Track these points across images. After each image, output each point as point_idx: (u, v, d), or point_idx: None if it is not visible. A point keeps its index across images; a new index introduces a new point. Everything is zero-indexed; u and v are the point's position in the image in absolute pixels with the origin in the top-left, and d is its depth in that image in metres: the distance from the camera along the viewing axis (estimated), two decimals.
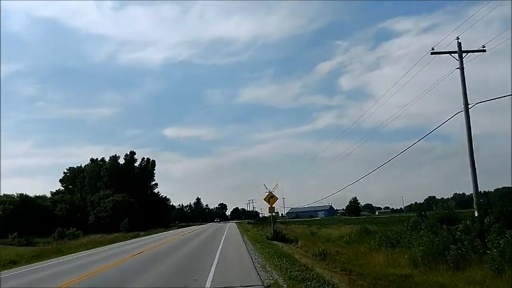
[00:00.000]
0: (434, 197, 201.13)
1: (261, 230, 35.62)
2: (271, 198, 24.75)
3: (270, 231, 26.09)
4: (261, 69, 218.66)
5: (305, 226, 55.13)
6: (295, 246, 19.97)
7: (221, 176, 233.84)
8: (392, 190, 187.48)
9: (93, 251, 24.79)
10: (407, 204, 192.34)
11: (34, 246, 41.62)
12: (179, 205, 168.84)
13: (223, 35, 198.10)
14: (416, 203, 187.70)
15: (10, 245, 50.83)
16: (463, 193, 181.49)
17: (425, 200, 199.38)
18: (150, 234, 46.70)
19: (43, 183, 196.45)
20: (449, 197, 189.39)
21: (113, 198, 69.29)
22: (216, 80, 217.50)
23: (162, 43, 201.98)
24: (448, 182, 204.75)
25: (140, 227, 62.17)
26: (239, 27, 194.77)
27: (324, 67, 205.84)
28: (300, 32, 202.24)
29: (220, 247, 19.79)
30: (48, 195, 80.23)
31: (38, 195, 77.06)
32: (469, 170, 15.54)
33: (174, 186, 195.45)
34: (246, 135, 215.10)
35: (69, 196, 75.94)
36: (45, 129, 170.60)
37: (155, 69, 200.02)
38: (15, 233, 55.99)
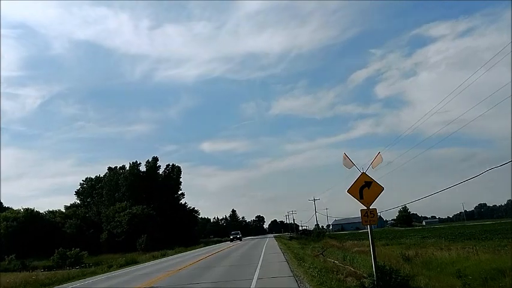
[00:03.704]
0: (485, 204, 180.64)
1: (322, 254, 21.78)
2: (366, 187, 9.62)
3: (372, 266, 9.75)
4: (294, 80, 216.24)
5: (366, 242, 41.41)
6: None
7: (256, 188, 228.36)
8: (436, 198, 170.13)
9: None
10: (455, 213, 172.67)
11: (29, 271, 32.35)
12: (214, 218, 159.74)
13: (256, 49, 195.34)
14: (466, 211, 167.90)
15: (5, 269, 41.47)
16: None
17: (475, 208, 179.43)
18: (157, 258, 34.30)
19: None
20: (502, 204, 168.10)
21: (130, 211, 58.56)
22: (249, 93, 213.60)
23: (196, 60, 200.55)
24: (497, 188, 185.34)
25: (161, 245, 51.42)
26: (271, 41, 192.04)
27: (359, 75, 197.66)
28: (332, 42, 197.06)
29: None
30: (63, 209, 70.89)
31: (51, 210, 67.96)
32: None
33: (210, 200, 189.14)
34: (280, 147, 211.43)
35: (82, 210, 66.25)
36: (85, 147, 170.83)
37: (190, 86, 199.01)
38: (13, 255, 46.78)
